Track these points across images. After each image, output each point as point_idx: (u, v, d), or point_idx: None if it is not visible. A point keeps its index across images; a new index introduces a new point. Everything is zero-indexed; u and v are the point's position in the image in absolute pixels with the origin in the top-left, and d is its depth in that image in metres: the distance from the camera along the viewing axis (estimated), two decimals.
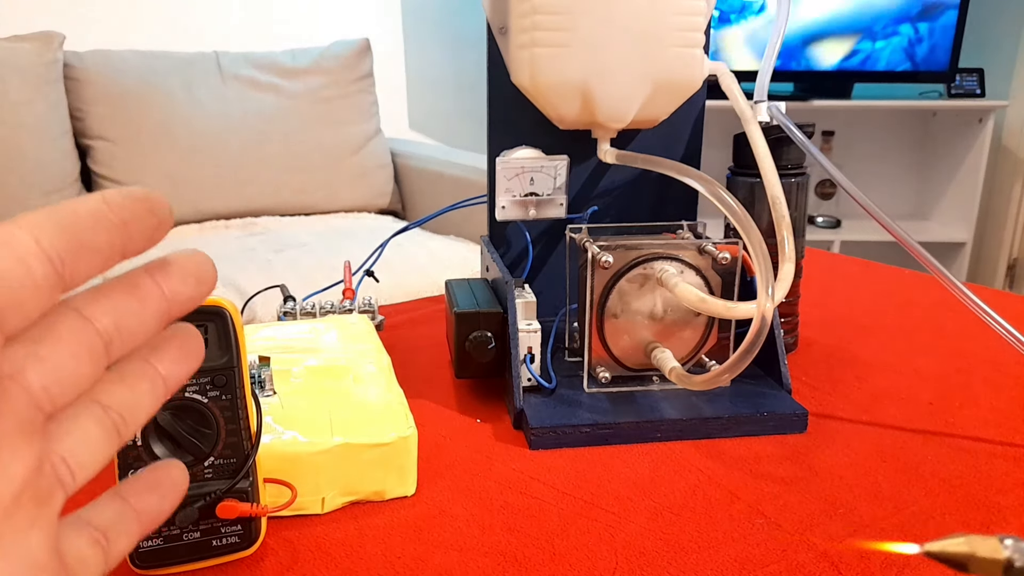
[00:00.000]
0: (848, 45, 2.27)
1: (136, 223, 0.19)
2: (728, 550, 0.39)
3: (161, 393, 0.21)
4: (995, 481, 0.45)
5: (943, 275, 0.50)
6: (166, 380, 0.21)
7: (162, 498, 0.24)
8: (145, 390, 0.21)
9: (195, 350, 0.22)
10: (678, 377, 0.49)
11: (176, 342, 0.22)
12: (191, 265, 0.21)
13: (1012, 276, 2.50)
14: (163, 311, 0.20)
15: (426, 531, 0.40)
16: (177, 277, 0.20)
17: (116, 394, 0.20)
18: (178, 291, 0.20)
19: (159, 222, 0.20)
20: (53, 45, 1.63)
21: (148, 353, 0.21)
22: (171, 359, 0.21)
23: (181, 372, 0.22)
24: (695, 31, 0.53)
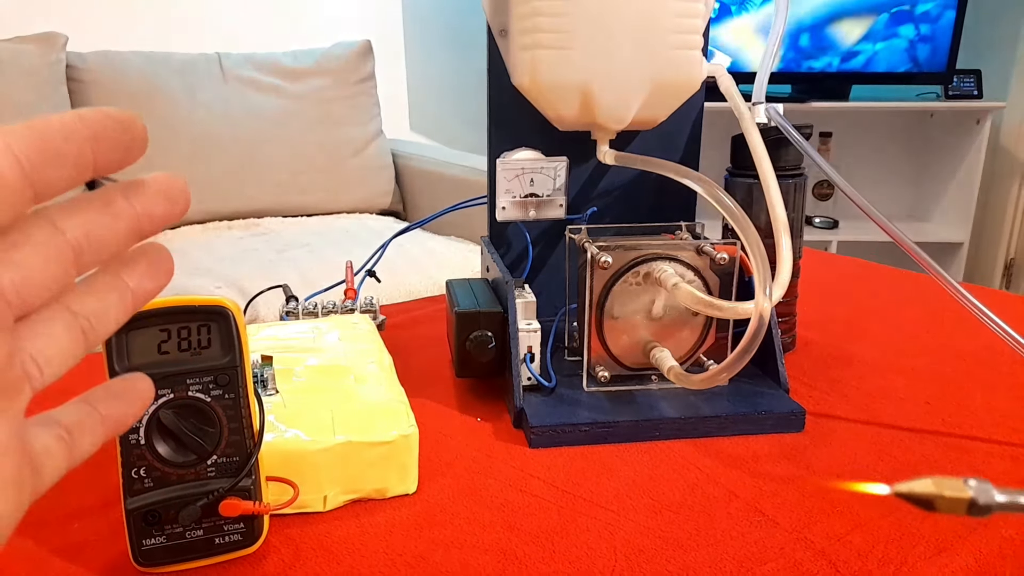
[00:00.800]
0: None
1: (108, 138, 0.20)
2: (726, 548, 0.39)
3: (129, 305, 0.23)
4: (992, 480, 0.45)
5: (940, 275, 0.50)
6: (135, 293, 0.23)
7: (127, 405, 0.25)
8: (113, 300, 0.22)
9: (165, 267, 0.23)
10: (677, 376, 0.49)
11: (146, 258, 0.23)
12: (163, 185, 0.22)
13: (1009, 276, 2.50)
14: (134, 228, 0.21)
15: (427, 529, 0.41)
16: (149, 196, 0.21)
17: (85, 302, 0.22)
18: (150, 209, 0.21)
19: (132, 139, 0.20)
20: (56, 46, 1.63)
21: (119, 267, 0.22)
22: (140, 273, 0.23)
23: (150, 287, 0.23)
24: (694, 33, 0.54)
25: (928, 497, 0.23)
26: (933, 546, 0.39)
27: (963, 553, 0.39)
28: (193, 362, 0.36)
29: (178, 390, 0.36)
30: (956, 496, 0.22)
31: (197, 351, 0.36)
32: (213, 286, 1.32)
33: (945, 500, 0.22)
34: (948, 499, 0.22)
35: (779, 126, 0.55)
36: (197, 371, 0.36)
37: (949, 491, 0.22)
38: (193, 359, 0.36)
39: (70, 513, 0.42)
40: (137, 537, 0.36)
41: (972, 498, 0.22)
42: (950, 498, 0.22)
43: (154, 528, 0.36)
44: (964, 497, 0.22)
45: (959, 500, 0.22)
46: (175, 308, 0.35)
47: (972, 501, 0.22)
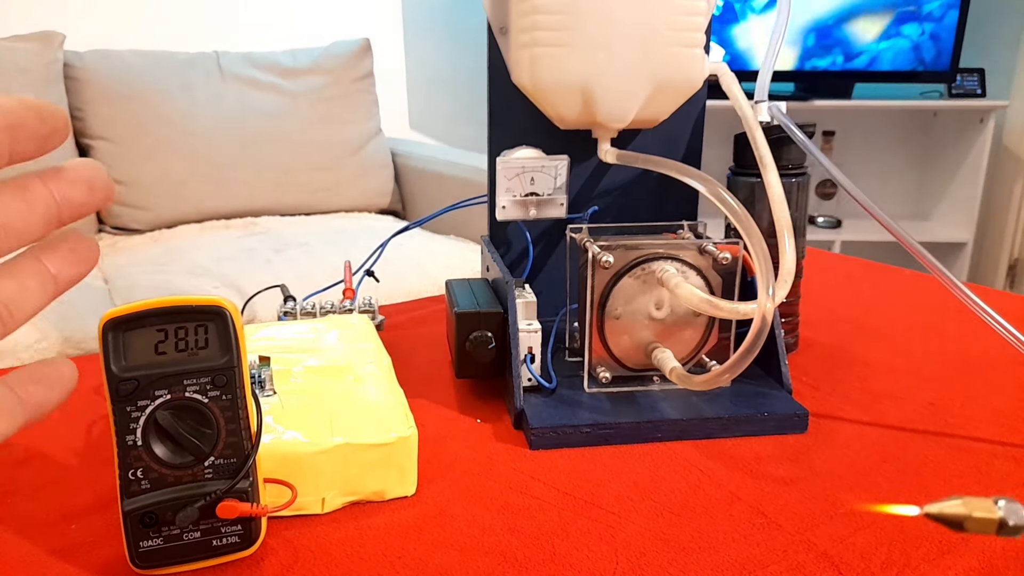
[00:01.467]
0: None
1: (25, 128, 0.20)
2: (728, 550, 0.39)
3: (51, 290, 0.23)
4: (996, 481, 0.45)
5: (944, 275, 0.50)
6: (56, 278, 0.23)
7: (48, 390, 0.25)
8: (33, 285, 0.22)
9: (87, 254, 0.23)
10: (678, 377, 0.49)
11: (68, 244, 0.23)
12: (83, 171, 0.22)
13: (1013, 276, 2.50)
14: (52, 214, 0.21)
15: (426, 531, 0.40)
16: (68, 182, 0.21)
17: (4, 287, 0.22)
18: (69, 196, 0.21)
19: (51, 130, 0.21)
20: (53, 45, 1.63)
21: (39, 252, 0.22)
22: (61, 259, 0.23)
23: (72, 272, 0.23)
24: (695, 31, 0.53)
25: (958, 518, 0.23)
26: (936, 548, 0.39)
27: (967, 555, 0.38)
28: (190, 362, 0.35)
29: (175, 391, 0.35)
30: (986, 517, 0.23)
31: (194, 351, 0.36)
32: (210, 286, 1.32)
33: (975, 521, 0.23)
34: (978, 520, 0.23)
35: (782, 125, 0.55)
36: (194, 372, 0.35)
37: (979, 512, 0.23)
38: (190, 359, 0.35)
39: (67, 514, 0.42)
40: (134, 539, 0.36)
41: (1002, 518, 0.22)
42: (980, 519, 0.23)
43: (151, 530, 0.36)
44: (993, 518, 0.22)
45: (989, 520, 0.23)
46: (172, 308, 0.35)
47: (1002, 521, 0.22)
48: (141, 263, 1.49)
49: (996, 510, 0.22)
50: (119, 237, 1.72)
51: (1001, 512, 0.22)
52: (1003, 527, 0.22)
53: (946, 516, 0.23)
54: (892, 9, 2.25)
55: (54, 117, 0.21)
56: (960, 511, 0.23)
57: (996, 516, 0.22)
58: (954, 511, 0.23)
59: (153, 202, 1.72)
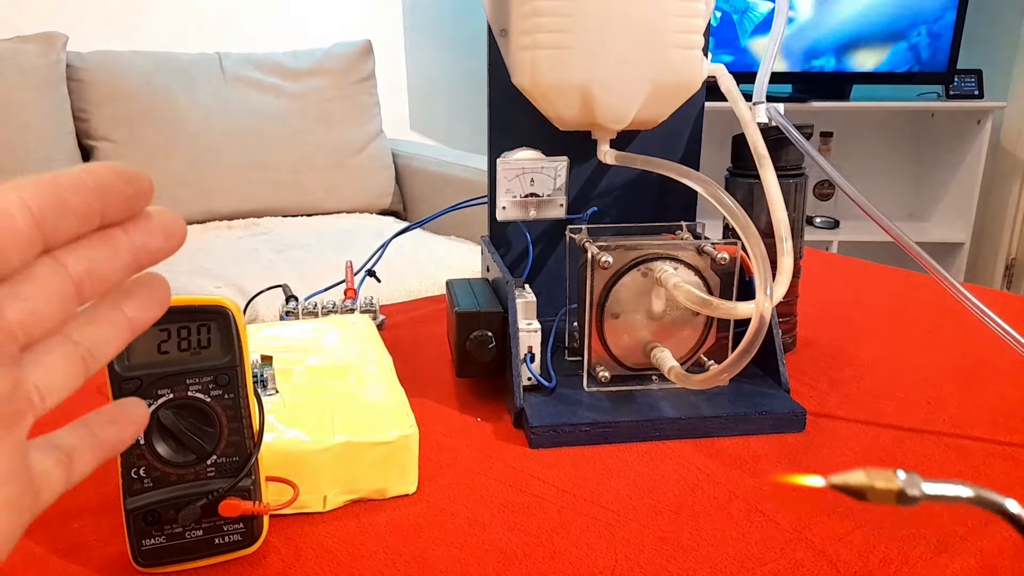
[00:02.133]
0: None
1: (113, 190, 0.21)
2: (727, 548, 0.39)
3: (127, 334, 0.24)
4: (993, 480, 0.45)
5: (941, 275, 0.50)
6: (132, 322, 0.24)
7: (122, 430, 0.27)
8: (112, 330, 0.24)
9: (161, 298, 0.25)
10: (677, 376, 0.49)
11: (144, 290, 0.24)
12: (162, 221, 0.23)
13: (1010, 276, 2.50)
14: (132, 261, 0.23)
15: (427, 529, 0.41)
16: (148, 231, 0.23)
17: (85, 332, 0.23)
18: (147, 243, 0.23)
19: (136, 192, 0.22)
20: (56, 46, 1.63)
21: (117, 298, 0.24)
22: (138, 304, 0.24)
23: (147, 316, 0.24)
24: (694, 32, 0.54)
25: (860, 488, 0.24)
26: (934, 546, 0.39)
27: (964, 553, 0.39)
28: (193, 362, 0.36)
29: (178, 390, 0.36)
30: (886, 487, 0.23)
31: (197, 351, 0.36)
32: (213, 286, 1.32)
33: (875, 491, 0.24)
34: (878, 490, 0.24)
35: (780, 126, 0.55)
36: (197, 371, 0.36)
37: (879, 482, 0.24)
38: (193, 359, 0.36)
39: (70, 513, 0.42)
40: (137, 537, 0.36)
41: (901, 488, 0.23)
42: (880, 489, 0.24)
43: (154, 528, 0.36)
44: (893, 488, 0.23)
45: (889, 490, 0.23)
46: (175, 308, 0.35)
47: (901, 491, 0.23)
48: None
49: (896, 480, 0.23)
50: None
51: (900, 483, 0.23)
52: (902, 497, 0.23)
53: (849, 486, 0.24)
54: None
55: (139, 180, 0.22)
56: (862, 481, 0.24)
57: (896, 486, 0.23)
58: (856, 481, 0.24)
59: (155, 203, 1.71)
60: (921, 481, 0.23)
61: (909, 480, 0.23)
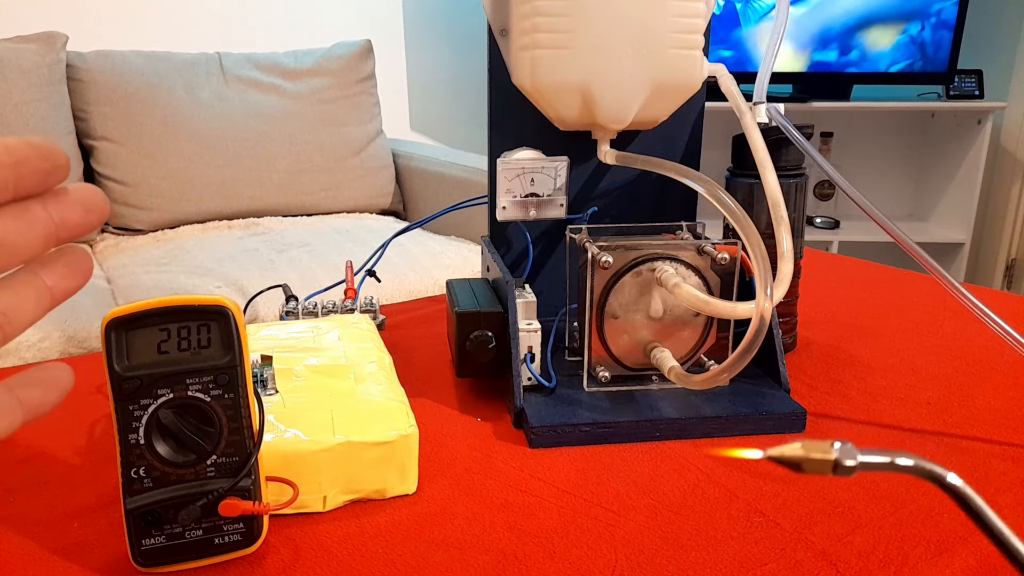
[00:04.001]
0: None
1: (28, 165, 0.22)
2: (727, 548, 0.39)
3: (47, 302, 0.25)
4: (993, 480, 0.45)
5: (941, 275, 0.50)
6: (52, 291, 0.25)
7: (45, 392, 0.27)
8: (30, 296, 0.24)
9: (82, 267, 0.25)
10: (677, 376, 0.49)
11: (64, 259, 0.25)
12: (80, 194, 0.24)
13: (1010, 276, 2.50)
14: (50, 233, 0.23)
15: (427, 529, 0.41)
16: (67, 204, 0.23)
17: (2, 298, 0.23)
18: (66, 217, 0.23)
19: (52, 167, 0.23)
20: (56, 46, 1.63)
21: (37, 267, 0.24)
22: (58, 273, 0.25)
23: (68, 285, 0.25)
24: (695, 33, 0.54)
25: (796, 460, 0.24)
26: (934, 547, 0.39)
27: (964, 554, 0.38)
28: (193, 362, 0.36)
29: (177, 390, 0.36)
30: (822, 458, 0.24)
31: (197, 351, 0.36)
32: (213, 286, 1.32)
33: (812, 461, 0.24)
34: (814, 460, 0.24)
35: (780, 126, 0.55)
36: (197, 371, 0.36)
37: (816, 453, 0.24)
38: (193, 359, 0.36)
39: (69, 513, 0.42)
40: (136, 537, 0.36)
41: (836, 459, 0.24)
42: (816, 459, 0.24)
43: (153, 528, 0.36)
44: (829, 459, 0.24)
45: (825, 461, 0.24)
46: (175, 308, 0.35)
47: (836, 462, 0.24)
48: (144, 263, 1.49)
49: (832, 451, 0.24)
50: (122, 237, 1.73)
51: (836, 453, 0.24)
52: (838, 467, 0.24)
53: (786, 458, 0.24)
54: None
55: (54, 154, 0.23)
56: (798, 453, 0.24)
57: (831, 457, 0.24)
58: (793, 453, 0.24)
59: (156, 202, 1.72)
60: (857, 452, 0.24)
61: (844, 450, 0.24)
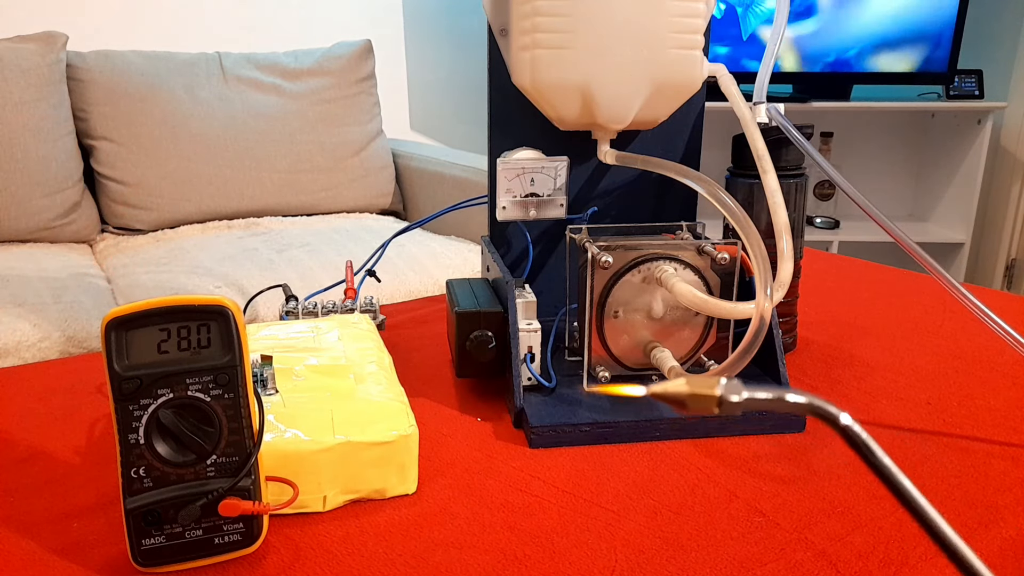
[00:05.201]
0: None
1: None
2: (727, 548, 0.39)
3: None
4: (993, 480, 0.45)
5: (941, 275, 0.50)
6: None
7: None
8: None
9: None
10: (677, 376, 0.49)
11: None
12: None
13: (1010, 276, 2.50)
14: None
15: (427, 529, 0.41)
16: None
17: None
18: None
19: None
20: (56, 46, 1.63)
21: None
22: None
23: None
24: (694, 33, 0.54)
25: (680, 396, 0.24)
26: (934, 547, 0.39)
27: None
28: (193, 361, 0.36)
29: (177, 389, 0.36)
30: (706, 393, 0.24)
31: (197, 350, 0.36)
32: (213, 285, 1.32)
33: (696, 397, 0.24)
34: (698, 396, 0.24)
35: (780, 126, 0.55)
36: (197, 371, 0.36)
37: (700, 389, 0.24)
38: (193, 358, 0.36)
39: (69, 512, 0.42)
40: (136, 537, 0.36)
41: (721, 395, 0.23)
42: (700, 395, 0.24)
43: (153, 528, 0.36)
44: (713, 394, 0.24)
45: (709, 397, 0.24)
46: (175, 307, 0.35)
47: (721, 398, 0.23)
48: (144, 263, 1.49)
49: (716, 387, 0.24)
50: (122, 237, 1.73)
51: (720, 389, 0.23)
52: (723, 403, 0.23)
53: (669, 394, 0.24)
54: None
55: None
56: (682, 389, 0.24)
57: (716, 393, 0.23)
58: (677, 389, 0.24)
59: (155, 202, 1.72)
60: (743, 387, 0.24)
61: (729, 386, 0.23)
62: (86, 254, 1.62)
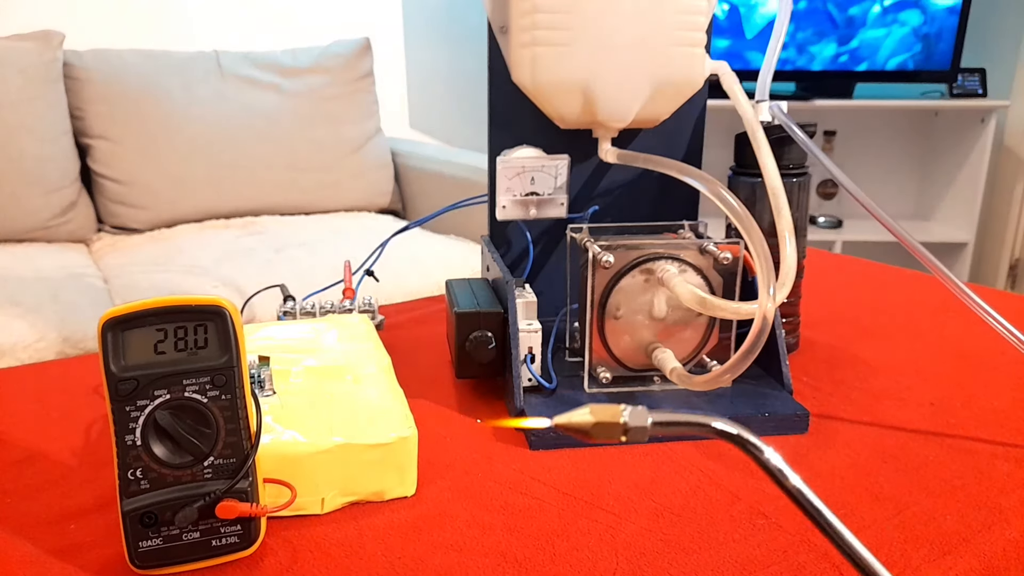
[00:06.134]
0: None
1: None
2: (729, 551, 0.39)
3: None
4: (996, 482, 0.45)
5: (945, 275, 0.50)
6: None
7: None
8: None
9: None
10: (679, 377, 0.49)
11: None
12: None
13: (1014, 276, 2.50)
14: None
15: (426, 531, 0.40)
16: None
17: None
18: None
19: None
20: (53, 44, 1.63)
21: None
22: None
23: None
24: (696, 30, 0.53)
25: (585, 426, 0.23)
26: (937, 549, 0.39)
27: (967, 556, 0.38)
28: (190, 362, 0.35)
29: (174, 390, 0.35)
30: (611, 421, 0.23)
31: (194, 351, 0.35)
32: (210, 285, 1.32)
33: (601, 426, 0.23)
34: (604, 425, 0.23)
35: (783, 124, 0.55)
36: (194, 371, 0.35)
37: (605, 417, 0.23)
38: (190, 359, 0.35)
39: (66, 514, 0.42)
40: (133, 539, 0.36)
41: (626, 423, 0.23)
42: (606, 423, 0.23)
43: (150, 530, 0.36)
44: (618, 422, 0.23)
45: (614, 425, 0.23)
46: (172, 307, 0.35)
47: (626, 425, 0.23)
48: (140, 262, 1.49)
49: (621, 415, 0.23)
50: (118, 236, 1.72)
51: (625, 416, 0.23)
52: (628, 431, 0.23)
53: (574, 425, 0.24)
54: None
55: None
56: (587, 419, 0.23)
57: (621, 420, 0.23)
58: (581, 419, 0.24)
59: (152, 201, 1.72)
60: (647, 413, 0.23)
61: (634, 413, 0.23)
62: (83, 254, 1.61)
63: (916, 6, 2.25)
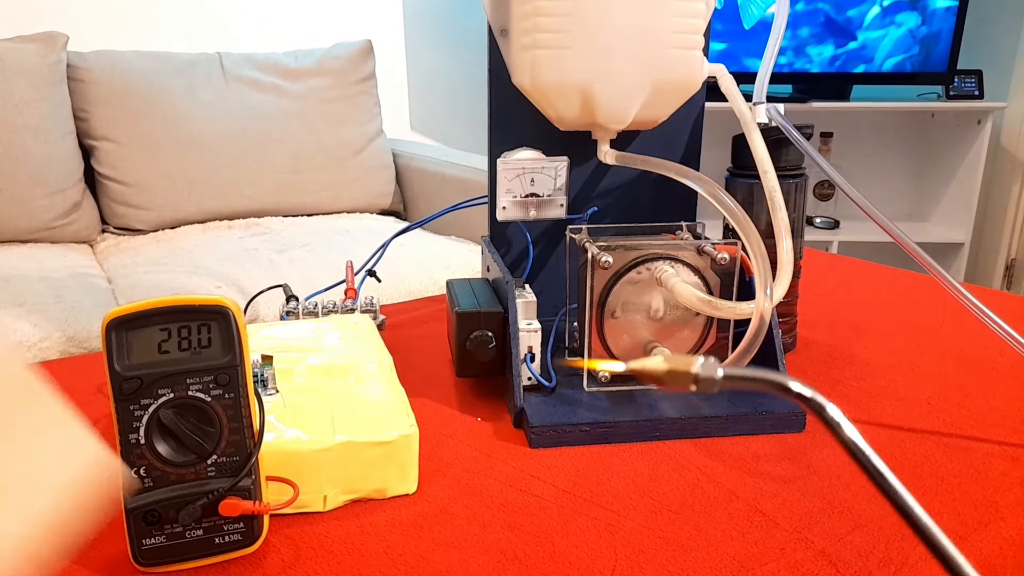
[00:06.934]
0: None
1: None
2: (727, 548, 0.39)
3: None
4: (992, 480, 0.45)
5: (941, 275, 0.50)
6: None
7: None
8: None
9: None
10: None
11: None
12: None
13: (1010, 276, 2.50)
14: None
15: (427, 529, 0.41)
16: None
17: None
18: None
19: None
20: (57, 46, 1.63)
21: None
22: None
23: None
24: (694, 33, 0.54)
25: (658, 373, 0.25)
26: None
27: (965, 553, 0.38)
28: (193, 361, 0.36)
29: (178, 389, 0.36)
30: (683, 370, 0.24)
31: (197, 350, 0.36)
32: (213, 285, 1.32)
33: (673, 374, 0.25)
34: (676, 372, 0.24)
35: (780, 126, 0.55)
36: (197, 370, 0.36)
37: (677, 366, 0.25)
38: (193, 358, 0.36)
39: None
40: (137, 537, 0.36)
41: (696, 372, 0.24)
42: (678, 372, 0.24)
43: (154, 528, 0.36)
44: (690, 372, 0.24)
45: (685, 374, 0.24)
46: (175, 307, 0.35)
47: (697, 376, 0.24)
48: (144, 263, 1.49)
49: (693, 365, 0.24)
50: (122, 237, 1.73)
51: (696, 368, 0.24)
52: (698, 380, 0.24)
53: (648, 371, 0.25)
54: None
55: None
56: (660, 366, 0.25)
57: (692, 370, 0.24)
58: (655, 366, 0.25)
59: (156, 202, 1.72)
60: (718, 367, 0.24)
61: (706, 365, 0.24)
62: (86, 254, 1.62)
63: (914, 8, 2.25)
